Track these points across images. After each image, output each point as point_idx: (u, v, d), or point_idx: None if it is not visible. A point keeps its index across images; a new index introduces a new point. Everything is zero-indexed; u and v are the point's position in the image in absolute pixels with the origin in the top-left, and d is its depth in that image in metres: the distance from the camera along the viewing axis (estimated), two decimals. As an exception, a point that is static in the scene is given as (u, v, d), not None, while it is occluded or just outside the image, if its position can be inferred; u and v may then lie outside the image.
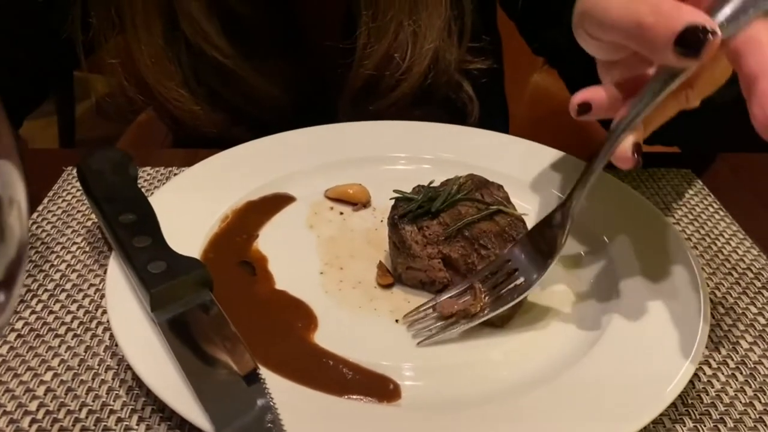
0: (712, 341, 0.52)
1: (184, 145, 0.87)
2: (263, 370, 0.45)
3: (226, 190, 0.64)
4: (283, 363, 0.46)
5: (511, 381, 0.47)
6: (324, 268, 0.57)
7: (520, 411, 0.44)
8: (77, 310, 0.53)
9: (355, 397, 0.45)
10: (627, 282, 0.54)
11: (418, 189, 0.57)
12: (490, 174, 0.61)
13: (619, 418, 0.42)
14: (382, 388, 0.46)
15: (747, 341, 0.52)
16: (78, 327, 0.51)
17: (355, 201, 0.65)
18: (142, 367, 0.44)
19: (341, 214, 0.64)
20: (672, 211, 0.67)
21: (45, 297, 0.54)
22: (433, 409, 0.45)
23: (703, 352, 0.47)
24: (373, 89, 0.77)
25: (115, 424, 0.44)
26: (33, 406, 0.45)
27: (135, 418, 0.45)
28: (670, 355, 0.47)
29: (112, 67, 0.76)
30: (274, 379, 0.45)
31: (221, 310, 0.48)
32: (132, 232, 0.52)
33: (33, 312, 0.52)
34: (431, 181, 0.58)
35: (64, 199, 0.66)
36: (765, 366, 0.50)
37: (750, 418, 0.46)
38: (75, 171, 0.68)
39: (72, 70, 0.88)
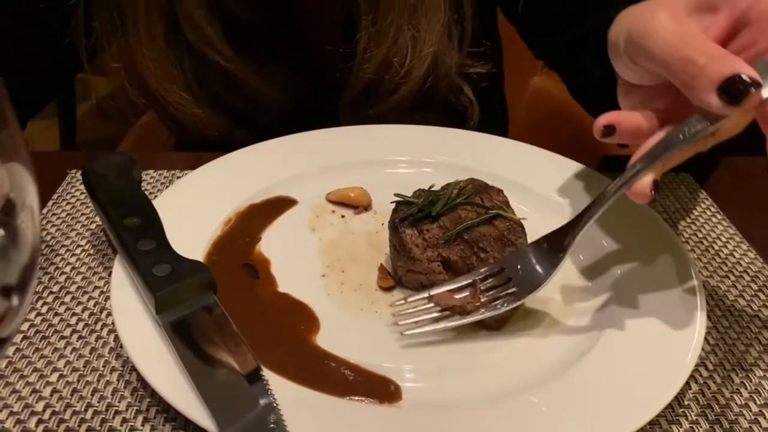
0: (709, 343, 0.53)
1: (186, 148, 0.88)
2: (266, 371, 0.46)
3: (228, 193, 0.64)
4: (286, 364, 0.47)
5: (511, 383, 0.48)
6: (326, 270, 0.58)
7: (520, 412, 0.44)
8: (82, 312, 0.54)
9: (357, 398, 0.45)
10: (624, 284, 0.55)
11: (419, 193, 0.58)
12: (490, 177, 0.61)
13: (617, 418, 0.43)
14: (383, 389, 0.47)
15: (743, 343, 0.53)
16: (83, 329, 0.52)
17: (357, 204, 0.66)
18: (146, 369, 0.44)
19: (343, 217, 0.65)
20: (670, 214, 0.67)
21: (50, 299, 0.55)
22: (433, 410, 0.45)
23: (700, 353, 0.48)
24: (373, 93, 0.77)
25: (120, 425, 0.45)
26: (39, 406, 0.46)
27: (140, 418, 0.45)
28: (667, 357, 0.47)
29: (115, 70, 0.77)
30: (276, 380, 0.45)
31: (225, 312, 0.49)
32: (136, 235, 0.53)
33: (39, 314, 0.53)
34: (431, 185, 0.59)
35: (68, 202, 0.66)
36: (761, 368, 0.51)
37: (745, 419, 0.47)
38: (79, 174, 0.68)
39: (75, 73, 0.88)
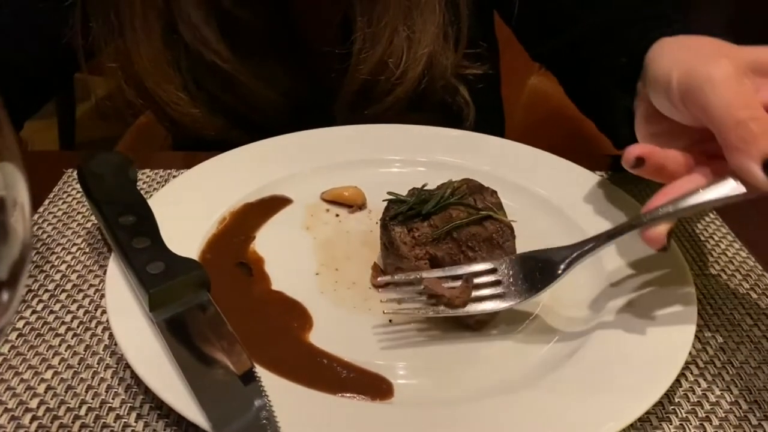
0: (700, 341, 0.53)
1: (183, 148, 0.88)
2: (259, 368, 0.46)
3: (223, 192, 0.65)
4: (279, 362, 0.47)
5: (502, 380, 0.48)
6: (320, 269, 0.58)
7: (511, 409, 0.45)
8: (77, 309, 0.54)
9: (349, 395, 0.46)
10: (615, 282, 0.55)
11: (412, 192, 0.58)
12: (485, 177, 0.61)
13: (607, 414, 0.43)
14: (375, 386, 0.47)
15: (734, 341, 0.53)
16: (78, 326, 0.52)
17: (351, 203, 0.66)
18: (140, 366, 0.45)
19: (337, 216, 0.65)
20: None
21: (45, 297, 0.55)
22: (424, 406, 0.46)
23: (690, 351, 0.48)
24: (369, 93, 0.77)
25: (114, 422, 0.45)
26: (34, 403, 0.46)
27: (134, 415, 0.45)
28: (658, 355, 0.48)
29: (112, 70, 0.77)
30: (269, 377, 0.46)
31: (218, 310, 0.49)
32: (131, 233, 0.53)
33: (34, 311, 0.53)
34: (424, 184, 0.59)
35: (64, 201, 0.67)
36: (751, 366, 0.51)
37: (735, 416, 0.47)
38: (75, 173, 0.69)
39: (72, 74, 0.89)
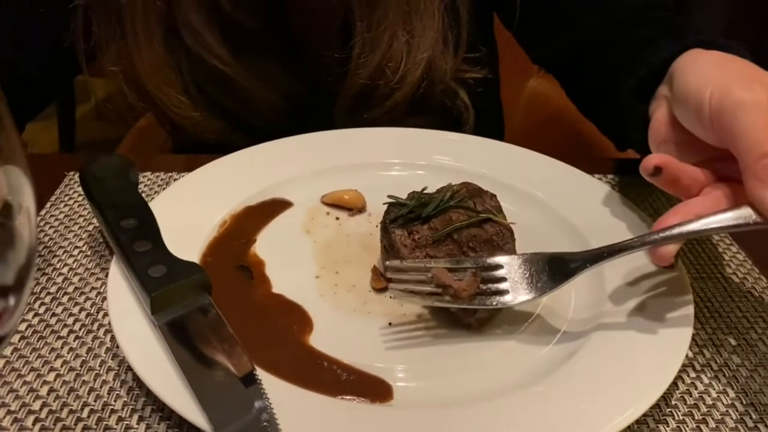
0: (697, 344, 0.53)
1: (184, 150, 0.89)
2: (260, 371, 0.46)
3: (224, 195, 0.65)
4: (279, 364, 0.48)
5: (501, 383, 0.48)
6: (320, 272, 0.59)
7: (509, 411, 0.45)
8: (79, 312, 0.54)
9: (349, 397, 0.46)
10: (612, 285, 0.55)
11: (412, 195, 0.58)
12: (484, 180, 0.62)
13: (604, 416, 0.44)
14: (374, 388, 0.47)
15: (731, 344, 0.54)
16: (80, 329, 0.53)
17: (351, 206, 0.66)
18: (142, 368, 0.45)
19: (337, 219, 0.66)
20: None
21: (48, 300, 0.55)
22: (424, 409, 0.46)
23: (687, 354, 0.49)
24: (368, 97, 0.78)
25: (116, 423, 0.45)
26: (36, 405, 0.46)
27: (135, 417, 0.46)
28: (655, 357, 0.48)
29: (113, 73, 0.78)
30: (269, 380, 0.46)
31: (219, 313, 0.49)
32: (133, 236, 0.54)
33: (36, 314, 0.54)
34: (424, 187, 0.59)
35: (66, 204, 0.67)
36: (747, 368, 0.51)
37: (731, 418, 0.47)
38: (77, 176, 0.69)
39: (74, 76, 0.89)
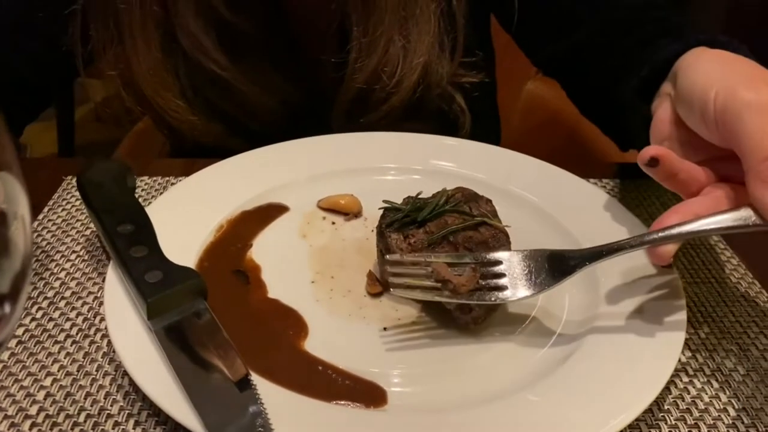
0: (690, 348, 0.54)
1: (181, 154, 0.89)
2: (255, 376, 0.47)
3: (221, 200, 0.65)
4: (274, 369, 0.48)
5: (495, 387, 0.49)
6: (315, 277, 0.59)
7: (503, 416, 0.45)
8: (76, 317, 0.55)
9: (343, 402, 0.46)
10: (606, 288, 0.56)
11: (408, 200, 0.59)
12: (480, 185, 0.62)
13: (597, 421, 0.44)
14: (369, 393, 0.48)
15: (724, 348, 0.54)
16: (77, 334, 0.53)
17: (347, 211, 0.67)
18: (138, 373, 0.45)
19: (333, 223, 0.66)
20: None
21: (45, 305, 0.56)
22: (418, 414, 0.46)
23: (680, 359, 0.49)
24: (364, 102, 0.78)
25: (113, 428, 0.46)
26: (33, 410, 0.47)
27: (132, 422, 0.46)
28: (648, 362, 0.48)
29: (111, 77, 0.78)
30: (264, 384, 0.46)
31: (215, 318, 0.50)
32: (129, 242, 0.54)
33: (33, 319, 0.54)
34: (419, 192, 0.60)
35: (63, 209, 0.67)
36: (740, 373, 0.52)
37: (724, 423, 0.48)
38: (74, 181, 0.69)
39: (72, 80, 0.89)
